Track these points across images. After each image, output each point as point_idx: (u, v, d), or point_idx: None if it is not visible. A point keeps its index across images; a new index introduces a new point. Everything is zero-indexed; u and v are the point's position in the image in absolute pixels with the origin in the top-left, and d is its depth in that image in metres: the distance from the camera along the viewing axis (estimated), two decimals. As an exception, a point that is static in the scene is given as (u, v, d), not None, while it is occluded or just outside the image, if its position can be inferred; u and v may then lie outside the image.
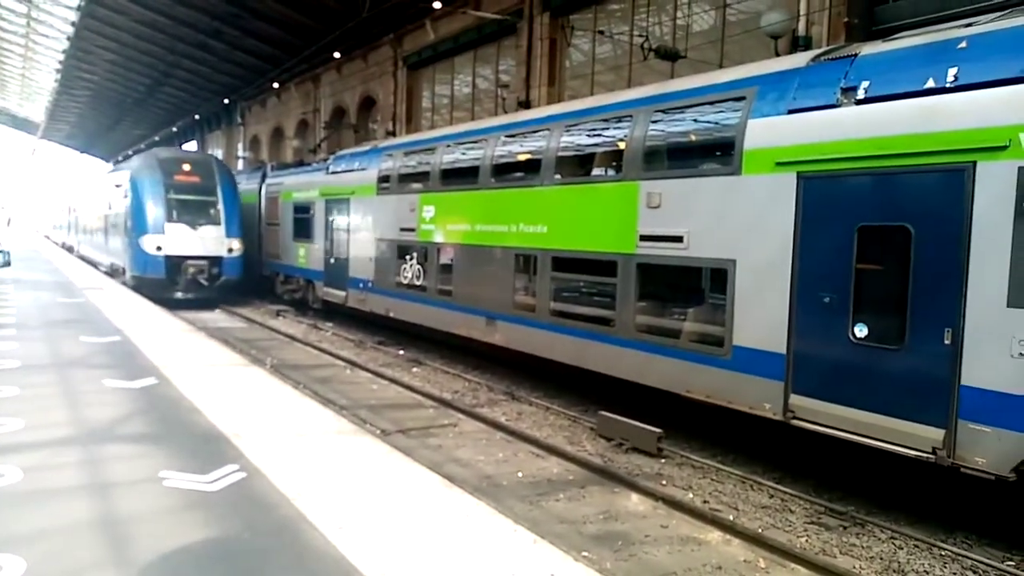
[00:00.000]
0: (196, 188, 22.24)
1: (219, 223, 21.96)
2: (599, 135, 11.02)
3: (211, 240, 21.74)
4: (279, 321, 20.44)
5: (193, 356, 11.35)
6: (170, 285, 21.37)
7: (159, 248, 21.13)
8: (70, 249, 42.68)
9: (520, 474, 8.47)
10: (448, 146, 14.46)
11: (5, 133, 72.85)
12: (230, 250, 21.99)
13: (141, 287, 21.33)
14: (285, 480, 5.87)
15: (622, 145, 10.20)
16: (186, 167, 22.52)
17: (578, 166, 11.38)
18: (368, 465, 6.42)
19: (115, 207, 24.97)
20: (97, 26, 33.10)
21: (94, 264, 30.65)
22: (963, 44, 6.73)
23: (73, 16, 33.01)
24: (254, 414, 7.97)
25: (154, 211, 21.43)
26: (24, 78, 53.22)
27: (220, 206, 22.17)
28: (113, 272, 25.81)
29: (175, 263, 21.30)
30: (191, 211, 21.79)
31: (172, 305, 20.17)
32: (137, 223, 21.59)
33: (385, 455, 6.83)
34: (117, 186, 24.61)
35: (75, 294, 18.94)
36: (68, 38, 36.56)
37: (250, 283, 23.90)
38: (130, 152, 57.65)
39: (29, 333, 12.35)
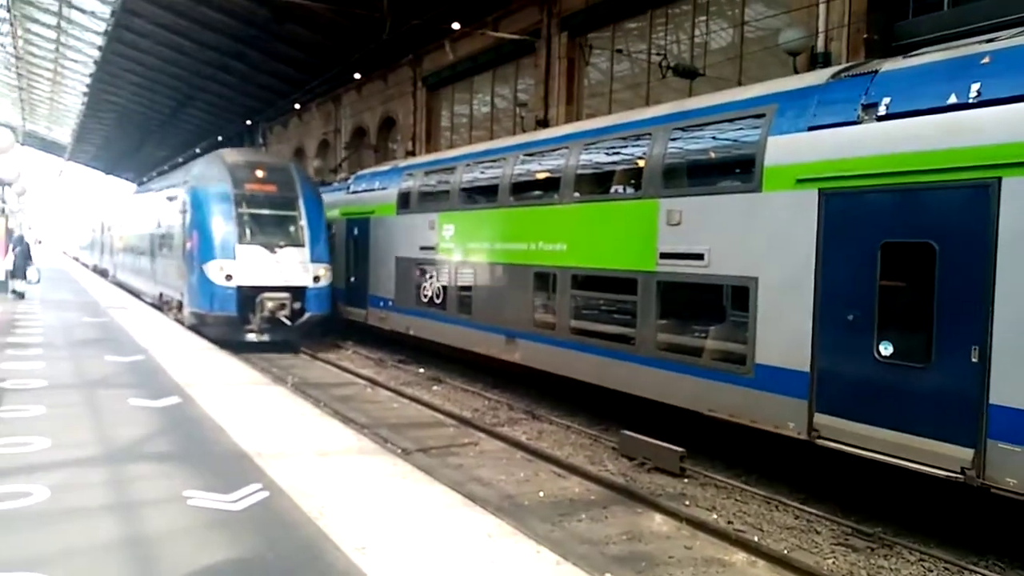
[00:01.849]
0: (273, 200, 17.57)
1: (302, 244, 17.22)
2: (618, 153, 11.04)
3: (293, 266, 16.99)
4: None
5: (215, 375, 11.43)
6: (241, 324, 16.78)
7: (229, 277, 16.42)
8: (104, 273, 38.19)
9: (542, 494, 8.43)
10: (467, 165, 14.55)
11: (33, 156, 74.21)
12: (316, 278, 17.18)
13: (202, 326, 16.98)
14: (307, 499, 5.88)
15: (641, 163, 10.22)
16: (260, 173, 17.78)
17: (597, 184, 11.40)
18: (390, 484, 6.41)
19: (167, 225, 20.40)
20: (123, 50, 33.72)
21: (136, 294, 25.78)
22: (986, 59, 6.69)
23: (100, 40, 33.68)
24: (276, 433, 8.00)
25: (222, 230, 16.69)
26: (52, 102, 54.28)
27: (303, 222, 17.41)
28: (163, 305, 21.21)
29: (248, 296, 16.59)
30: (268, 230, 17.15)
31: (240, 348, 16.29)
32: (201, 245, 16.84)
33: (407, 474, 6.82)
34: (170, 199, 20.12)
35: (100, 314, 19.18)
36: (95, 62, 37.27)
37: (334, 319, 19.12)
38: (154, 173, 58.46)
39: (56, 352, 12.52)
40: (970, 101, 6.59)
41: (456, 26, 20.25)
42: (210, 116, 44.11)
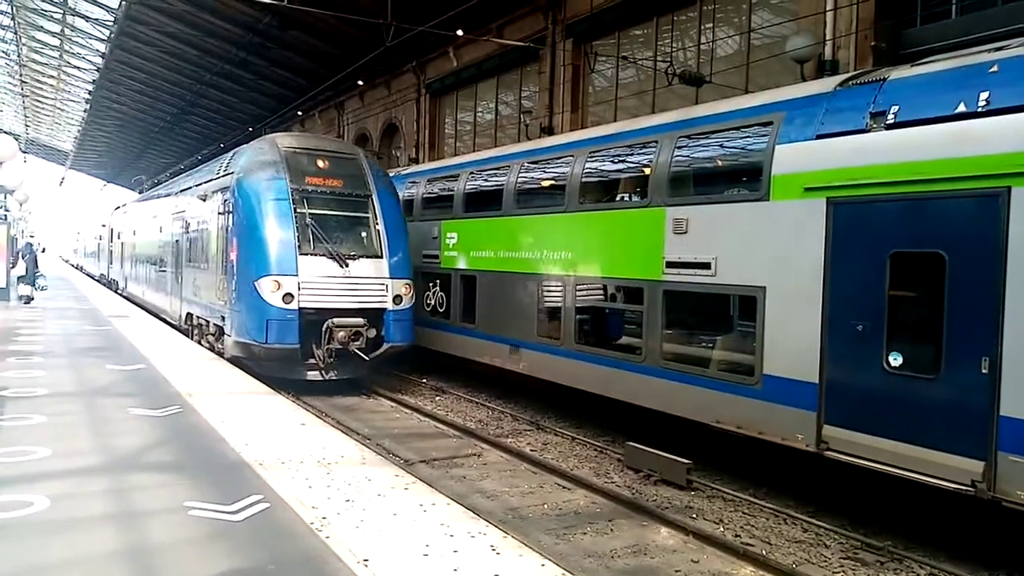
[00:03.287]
0: (340, 198, 13.86)
1: (379, 255, 13.56)
2: (624, 161, 10.99)
3: (369, 283, 13.36)
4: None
5: (216, 384, 11.36)
6: (302, 359, 13.12)
7: (288, 298, 12.68)
8: (111, 285, 34.65)
9: (546, 506, 8.33)
10: (471, 173, 14.50)
11: (35, 163, 74.40)
12: (397, 299, 13.51)
13: (249, 360, 13.50)
14: (309, 510, 5.80)
15: (647, 171, 10.16)
16: (322, 164, 13.93)
17: (602, 192, 11.34)
18: (392, 496, 6.33)
19: (199, 229, 16.67)
20: (126, 57, 33.85)
21: (155, 314, 21.69)
22: (994, 68, 6.63)
23: (103, 48, 33.78)
24: (277, 443, 7.92)
25: (278, 236, 12.93)
26: (56, 109, 54.44)
27: (380, 226, 13.74)
28: (191, 329, 17.18)
29: (312, 322, 12.94)
30: (335, 236, 13.44)
31: (303, 389, 13.39)
32: (251, 256, 13.10)
33: (409, 485, 6.74)
34: (203, 198, 16.40)
35: (102, 322, 19.13)
36: (98, 69, 37.39)
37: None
38: (156, 180, 58.57)
39: (56, 361, 12.45)
40: (979, 110, 6.53)
41: (460, 33, 20.24)
42: (212, 123, 44.21)
